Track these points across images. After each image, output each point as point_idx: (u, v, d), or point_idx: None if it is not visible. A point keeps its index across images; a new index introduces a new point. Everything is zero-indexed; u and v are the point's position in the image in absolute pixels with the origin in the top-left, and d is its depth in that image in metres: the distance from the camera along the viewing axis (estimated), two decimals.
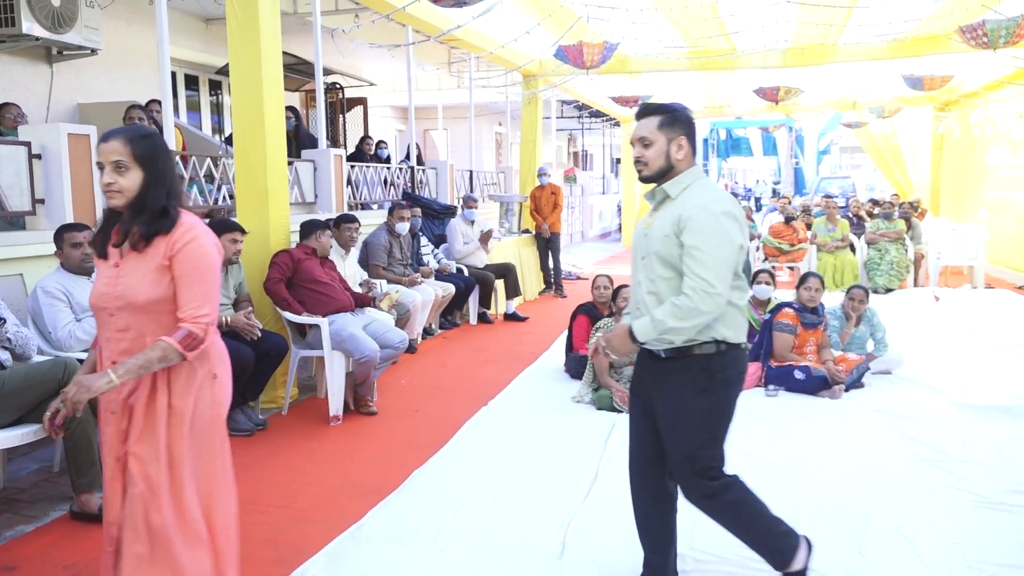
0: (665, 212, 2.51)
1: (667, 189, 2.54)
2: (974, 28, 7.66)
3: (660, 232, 2.48)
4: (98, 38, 7.08)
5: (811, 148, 29.05)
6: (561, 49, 8.74)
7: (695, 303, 2.37)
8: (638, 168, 2.56)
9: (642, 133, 2.52)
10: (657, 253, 2.49)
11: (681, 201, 2.49)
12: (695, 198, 2.47)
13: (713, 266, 2.37)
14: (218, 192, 6.17)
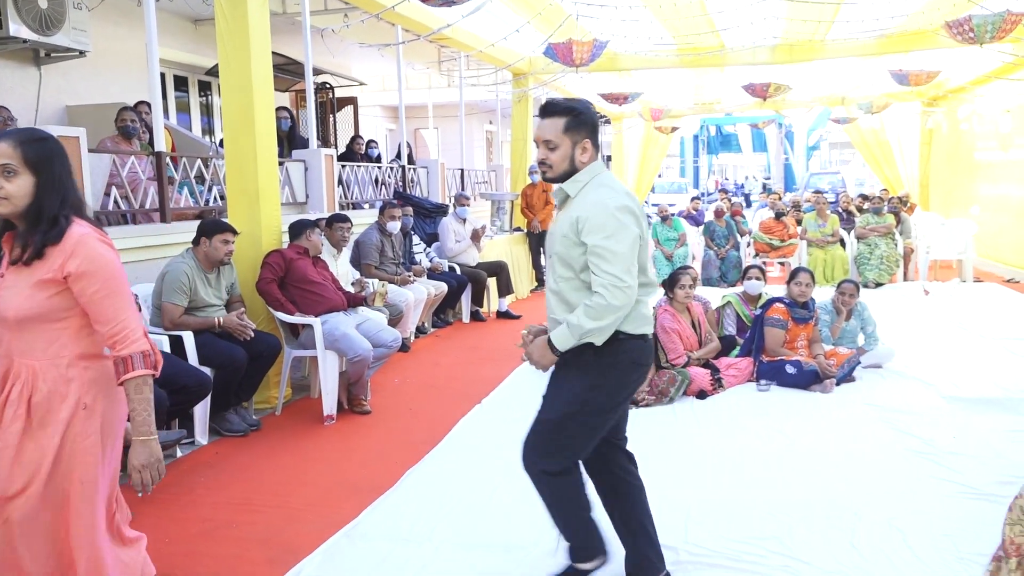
0: (566, 212, 2.54)
1: (566, 189, 2.56)
2: (960, 23, 7.71)
3: (560, 232, 2.51)
4: (86, 40, 7.05)
5: (800, 144, 29.15)
6: (551, 47, 8.74)
7: (608, 300, 2.38)
8: (542, 170, 2.57)
9: (547, 136, 2.52)
10: (558, 254, 2.52)
11: (580, 200, 2.52)
12: (591, 196, 2.49)
13: (619, 261, 2.40)
14: (209, 193, 6.15)
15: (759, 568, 2.95)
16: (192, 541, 3.33)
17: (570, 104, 2.54)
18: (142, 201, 5.48)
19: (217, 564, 3.12)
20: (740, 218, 11.61)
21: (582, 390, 2.53)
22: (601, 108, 17.03)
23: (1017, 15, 7.56)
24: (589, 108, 2.57)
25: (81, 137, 4.71)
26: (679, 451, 4.25)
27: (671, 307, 5.58)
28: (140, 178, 5.48)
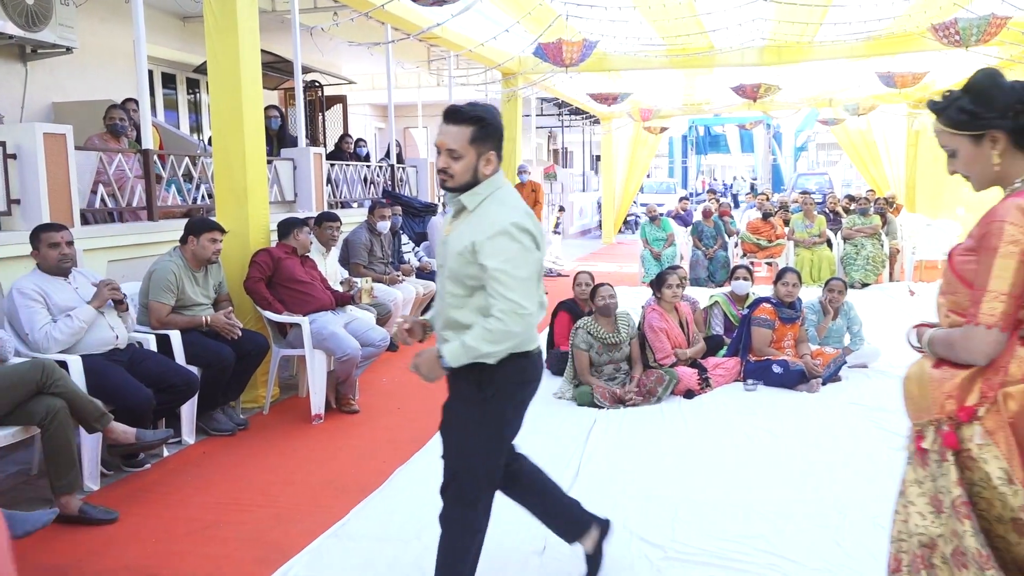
0: (463, 226, 2.41)
1: (464, 201, 2.42)
2: (946, 26, 7.77)
3: (455, 248, 2.38)
4: (73, 36, 7.00)
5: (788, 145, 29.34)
6: (540, 47, 8.75)
7: (508, 326, 2.31)
8: (442, 178, 2.42)
9: (452, 144, 2.38)
10: (451, 270, 2.40)
11: (478, 216, 2.39)
12: (490, 215, 2.37)
13: (520, 287, 2.32)
14: (197, 191, 6.12)
15: (746, 566, 2.97)
16: (180, 541, 3.32)
17: (478, 113, 2.40)
18: (129, 199, 5.45)
19: (205, 564, 3.11)
20: (728, 218, 11.66)
21: (475, 428, 2.51)
22: (590, 108, 17.07)
23: (1002, 18, 7.63)
24: (497, 117, 2.45)
25: (68, 134, 4.69)
26: (667, 450, 4.27)
27: (659, 306, 5.60)
28: (127, 176, 5.45)
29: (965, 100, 1.88)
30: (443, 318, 2.47)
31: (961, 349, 1.80)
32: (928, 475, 1.84)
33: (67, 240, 4.02)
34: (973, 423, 1.74)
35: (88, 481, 3.81)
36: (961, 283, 1.84)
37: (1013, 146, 1.84)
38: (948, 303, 1.90)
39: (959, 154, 1.90)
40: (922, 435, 1.86)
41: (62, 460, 3.45)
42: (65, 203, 4.64)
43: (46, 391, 3.48)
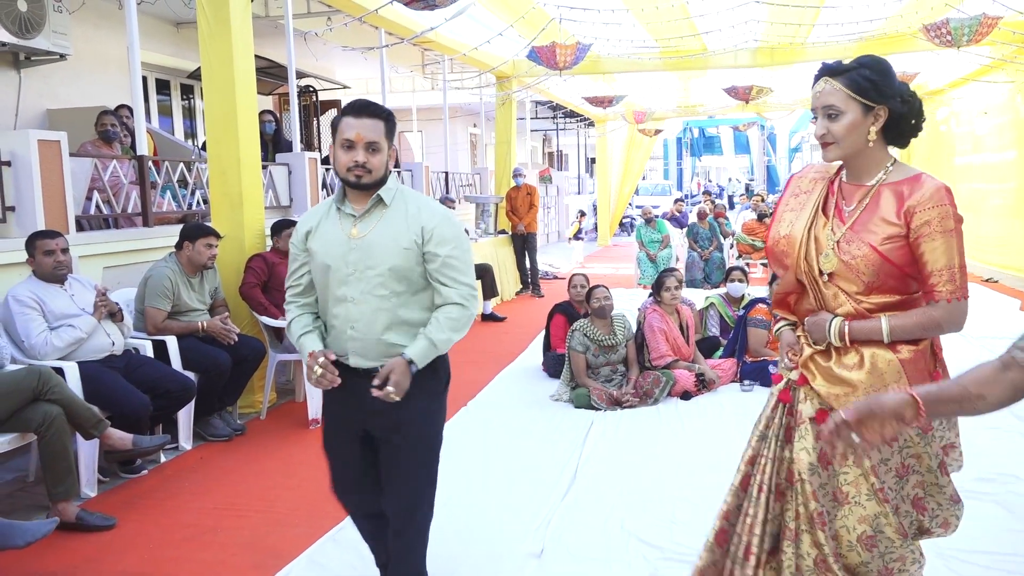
0: (390, 220, 2.34)
1: (383, 195, 2.36)
2: (938, 27, 7.80)
3: (394, 244, 2.32)
4: (67, 43, 6.99)
5: (783, 146, 29.40)
6: (534, 50, 8.77)
7: (470, 310, 2.36)
8: (358, 174, 2.30)
9: (373, 136, 2.29)
10: (394, 268, 2.32)
11: (402, 209, 2.36)
12: (422, 205, 2.38)
13: (469, 271, 2.40)
14: (192, 197, 6.12)
15: None
16: (177, 546, 3.31)
17: (386, 108, 2.39)
18: (124, 205, 5.45)
19: (202, 569, 3.11)
20: (723, 220, 11.69)
21: (440, 417, 2.57)
22: (585, 111, 17.10)
23: (993, 18, 7.67)
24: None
25: (62, 141, 4.68)
26: (664, 452, 4.27)
27: (659, 308, 5.61)
28: (122, 182, 5.45)
29: (868, 72, 1.94)
30: (383, 322, 2.34)
31: (947, 324, 1.91)
32: (897, 448, 1.96)
33: (62, 247, 4.02)
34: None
35: (85, 488, 3.81)
36: (895, 269, 1.92)
37: (883, 130, 1.96)
38: (864, 288, 1.95)
39: (845, 118, 1.93)
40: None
41: (59, 467, 3.44)
42: (60, 210, 4.64)
43: (42, 398, 3.48)
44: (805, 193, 2.09)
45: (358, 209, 2.37)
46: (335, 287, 2.37)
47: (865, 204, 1.97)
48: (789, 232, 2.05)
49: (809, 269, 2.01)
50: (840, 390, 1.97)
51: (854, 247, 1.94)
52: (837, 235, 1.98)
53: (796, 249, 2.02)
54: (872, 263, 1.92)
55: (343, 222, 2.38)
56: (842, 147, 1.96)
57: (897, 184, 1.95)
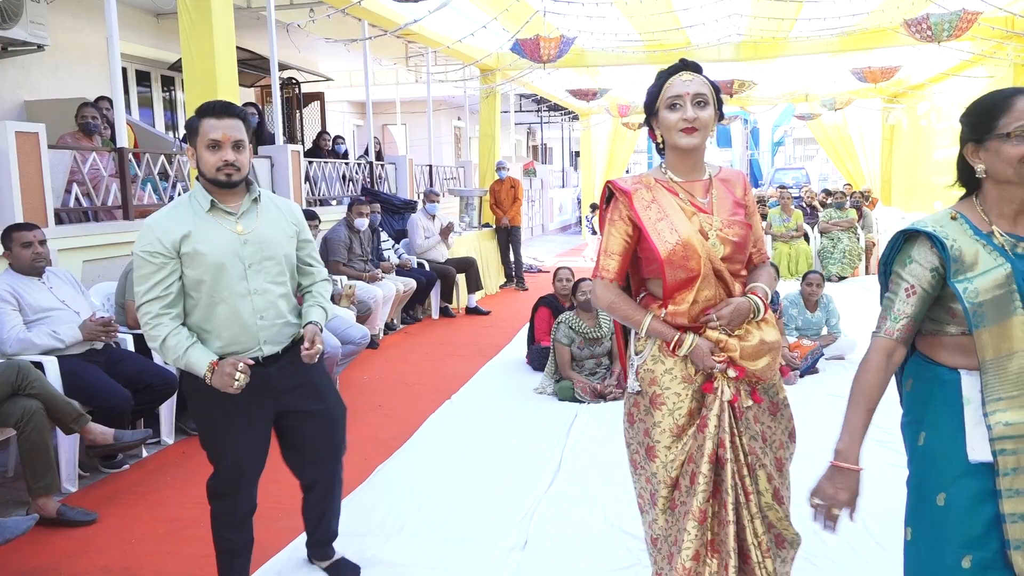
0: (270, 215, 2.55)
1: (261, 192, 2.58)
2: (919, 22, 7.86)
3: (280, 235, 2.55)
4: (44, 33, 6.90)
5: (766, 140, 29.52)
6: (518, 43, 8.75)
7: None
8: (228, 172, 2.41)
9: (238, 136, 2.43)
10: (288, 256, 2.58)
11: (271, 204, 2.59)
12: (280, 199, 2.67)
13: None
14: (173, 190, 6.07)
15: None
16: (159, 541, 3.30)
17: (243, 109, 2.55)
18: (104, 198, 5.39)
19: (185, 564, 3.09)
20: None
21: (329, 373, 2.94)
22: (569, 104, 17.10)
23: (973, 13, 7.73)
24: None
25: (40, 133, 4.63)
26: None
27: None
28: (102, 175, 5.39)
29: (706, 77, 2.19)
30: (286, 306, 2.58)
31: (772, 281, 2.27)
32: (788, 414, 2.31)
33: (39, 239, 3.97)
34: None
35: (66, 483, 3.78)
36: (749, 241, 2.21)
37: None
38: (741, 264, 2.20)
39: (709, 108, 2.12)
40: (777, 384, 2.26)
41: (39, 462, 3.41)
42: (39, 203, 4.58)
43: (21, 392, 3.44)
44: (653, 203, 2.14)
45: (235, 207, 2.48)
46: (234, 284, 2.43)
47: (715, 194, 2.17)
48: (679, 238, 2.09)
49: (713, 261, 2.11)
50: (764, 360, 2.13)
51: (735, 229, 2.14)
52: (716, 224, 2.13)
53: (699, 249, 2.10)
54: (747, 239, 2.18)
55: (224, 221, 2.46)
56: (702, 135, 2.11)
57: (720, 175, 2.24)
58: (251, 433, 2.58)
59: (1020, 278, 1.66)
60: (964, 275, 1.69)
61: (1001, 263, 1.67)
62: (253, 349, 2.49)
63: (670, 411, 2.15)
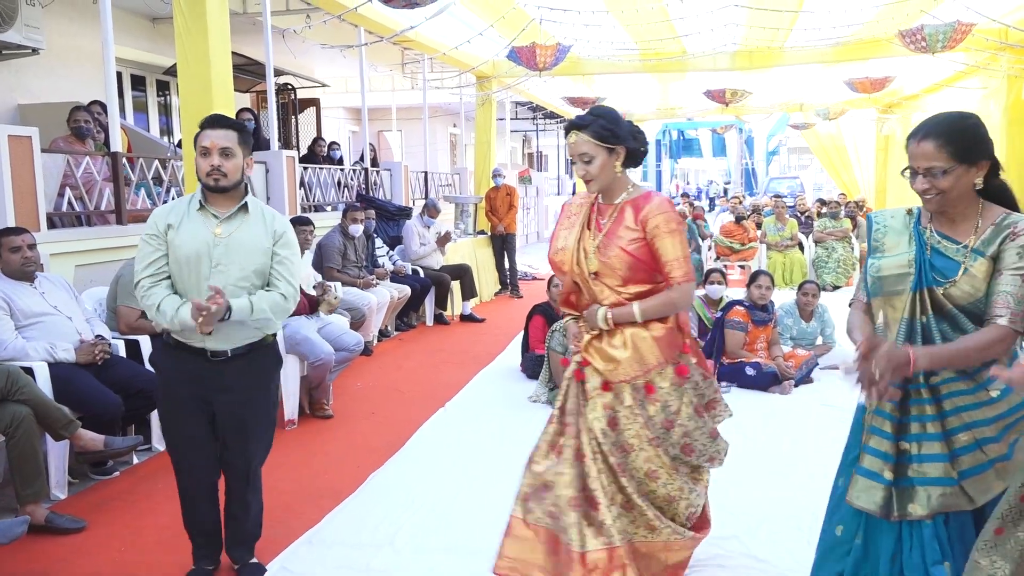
0: (251, 225, 2.71)
1: (248, 201, 2.73)
2: (913, 33, 7.91)
3: (257, 245, 2.69)
4: (39, 37, 6.87)
5: (760, 149, 29.64)
6: (514, 51, 8.77)
7: (289, 305, 2.74)
8: (215, 177, 2.63)
9: (225, 143, 2.63)
10: (257, 266, 2.69)
11: (259, 215, 2.73)
12: (271, 212, 2.78)
13: (296, 278, 2.78)
14: (167, 195, 6.04)
15: (719, 566, 2.98)
16: (150, 549, 3.27)
17: (240, 122, 2.76)
18: (97, 203, 5.36)
19: (176, 572, 3.06)
20: (702, 222, 11.75)
21: (273, 395, 2.94)
22: (564, 112, 17.12)
23: (967, 25, 7.78)
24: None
25: (34, 137, 4.60)
26: None
27: None
28: (95, 179, 5.37)
29: (604, 121, 2.52)
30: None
31: (681, 303, 2.52)
32: (660, 407, 2.52)
33: (28, 243, 3.94)
34: (688, 353, 2.58)
35: (55, 490, 3.74)
36: (640, 263, 2.52)
37: (624, 163, 2.56)
38: (621, 281, 2.54)
39: (596, 161, 2.52)
40: (652, 383, 2.51)
41: (28, 469, 3.38)
42: (31, 207, 4.55)
43: (11, 398, 3.41)
44: (575, 215, 2.67)
45: (222, 212, 2.69)
46: (197, 280, 2.65)
47: (614, 217, 2.57)
48: (563, 245, 2.63)
49: (580, 271, 2.59)
50: (611, 366, 2.53)
51: (609, 250, 2.53)
52: (596, 242, 2.57)
53: (569, 257, 2.60)
54: (623, 261, 2.51)
55: (207, 221, 2.69)
56: (599, 182, 2.55)
57: (635, 200, 2.56)
58: (190, 419, 2.78)
59: (923, 266, 2.01)
60: (878, 254, 2.10)
61: (909, 251, 2.05)
62: (196, 341, 2.69)
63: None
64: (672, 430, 2.55)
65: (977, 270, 1.95)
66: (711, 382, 2.67)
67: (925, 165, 1.97)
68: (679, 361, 2.55)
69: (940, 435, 1.98)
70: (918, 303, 2.01)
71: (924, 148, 1.96)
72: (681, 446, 2.57)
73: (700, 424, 2.58)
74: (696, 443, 2.59)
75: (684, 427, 2.55)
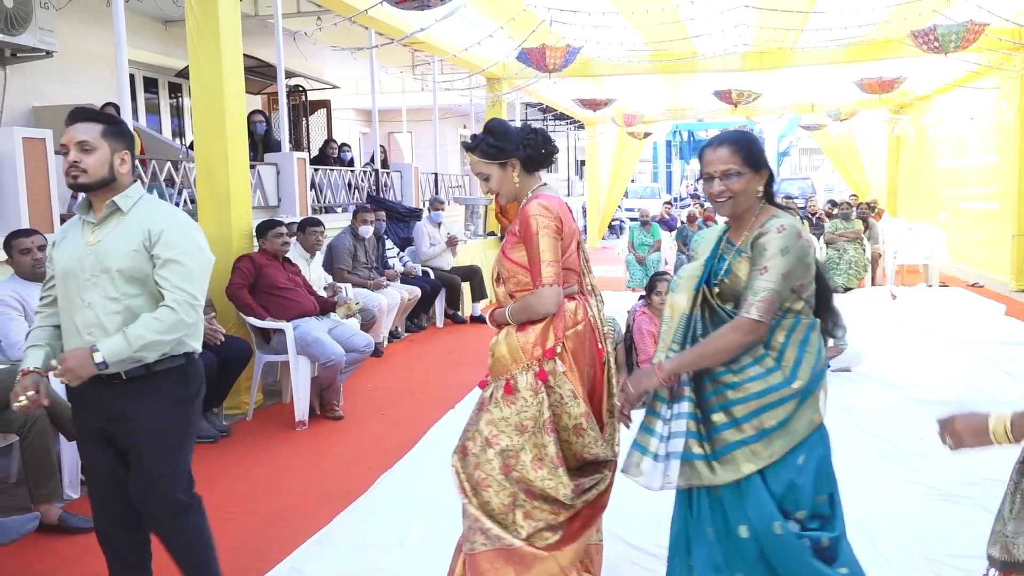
0: (122, 227, 2.38)
1: (119, 202, 2.39)
2: (926, 33, 7.85)
3: (123, 247, 2.36)
4: (53, 40, 6.93)
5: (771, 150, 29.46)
6: (524, 52, 8.76)
7: (180, 315, 2.35)
8: (73, 174, 2.34)
9: (82, 136, 2.34)
10: (123, 271, 2.35)
11: (140, 216, 2.40)
12: (160, 211, 2.44)
13: (195, 279, 2.40)
14: (179, 196, 6.08)
15: None
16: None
17: (108, 114, 2.47)
18: None
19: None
20: (712, 223, 11.69)
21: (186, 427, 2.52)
22: (574, 113, 17.12)
23: (980, 25, 7.72)
24: (126, 124, 2.50)
25: (48, 139, 4.64)
26: None
27: (649, 310, 5.61)
28: None
29: (491, 139, 2.55)
30: (116, 326, 2.35)
31: (538, 306, 2.45)
32: (515, 410, 2.44)
33: (39, 245, 3.97)
34: (555, 359, 2.45)
35: (68, 489, 3.77)
36: (522, 269, 2.51)
37: (524, 170, 2.58)
38: (512, 288, 2.56)
39: (492, 178, 2.58)
40: (511, 382, 2.46)
41: (42, 468, 3.41)
42: (44, 208, 4.59)
43: None
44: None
45: (97, 217, 2.41)
46: (75, 295, 2.37)
47: (514, 223, 2.56)
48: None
49: (494, 275, 2.65)
50: (491, 361, 2.55)
51: (501, 255, 2.59)
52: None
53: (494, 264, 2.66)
54: (507, 267, 2.55)
55: (84, 231, 2.41)
56: (504, 194, 2.61)
57: (524, 205, 2.55)
58: (92, 449, 2.52)
59: (709, 268, 2.24)
60: (693, 260, 2.34)
61: (702, 258, 2.29)
62: None
63: None
64: (526, 435, 2.43)
65: (738, 268, 2.16)
66: (580, 404, 2.45)
67: (722, 168, 2.17)
68: (541, 366, 2.43)
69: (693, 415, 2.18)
70: (697, 301, 2.23)
71: (720, 154, 2.18)
72: (532, 457, 2.43)
73: (545, 443, 2.41)
74: (543, 462, 2.42)
75: (536, 439, 2.42)
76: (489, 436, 2.48)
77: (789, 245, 2.07)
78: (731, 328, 2.08)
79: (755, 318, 2.05)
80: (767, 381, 2.10)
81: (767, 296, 2.05)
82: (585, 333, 2.54)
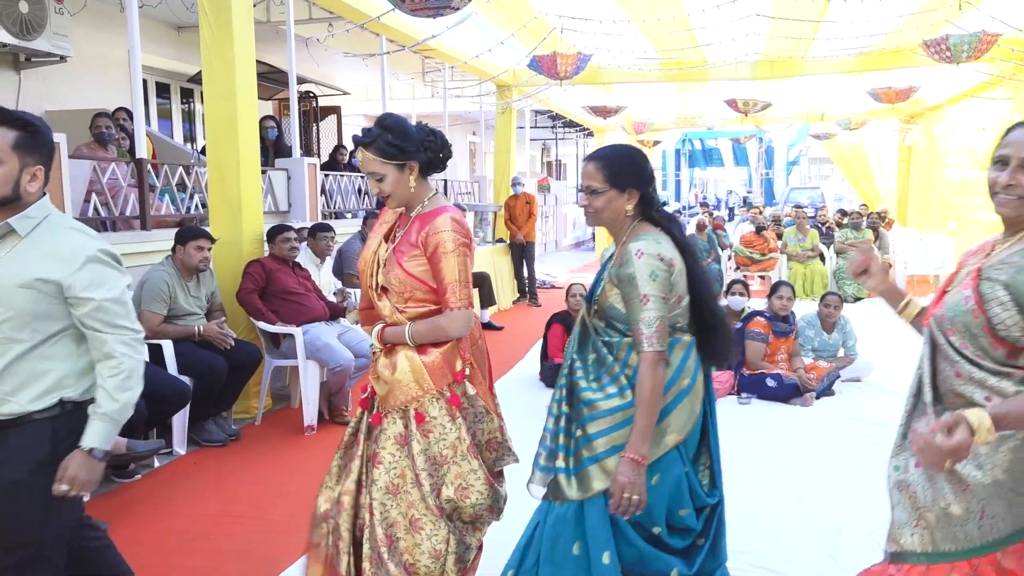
0: (16, 256, 1.97)
1: (14, 224, 1.98)
2: (938, 43, 7.83)
3: (12, 282, 1.94)
4: (67, 45, 6.98)
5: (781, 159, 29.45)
6: (535, 60, 8.78)
7: (136, 356, 2.07)
8: None
9: None
10: (17, 311, 1.95)
11: (38, 244, 1.99)
12: (64, 242, 2.01)
13: (129, 312, 2.09)
14: (190, 201, 6.11)
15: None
16: (169, 553, 3.28)
17: (28, 119, 2.02)
18: (122, 208, 5.43)
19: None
20: (721, 232, 11.69)
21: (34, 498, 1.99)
22: (584, 120, 17.14)
23: (992, 35, 7.70)
24: (48, 131, 2.09)
25: (61, 143, 4.66)
26: None
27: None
28: (121, 185, 5.43)
29: (390, 136, 2.32)
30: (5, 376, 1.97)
31: (451, 330, 2.30)
32: (432, 439, 2.30)
33: None
34: (465, 382, 2.35)
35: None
36: (419, 282, 2.32)
37: (420, 174, 2.38)
38: (402, 302, 2.35)
39: (387, 179, 2.35)
40: (422, 411, 2.29)
41: None
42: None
43: None
44: (386, 222, 2.49)
45: None
46: None
47: (404, 231, 2.38)
48: (365, 254, 2.45)
49: (372, 284, 2.40)
50: (382, 388, 2.34)
51: (391, 265, 2.34)
52: (385, 255, 2.39)
53: (367, 268, 2.43)
54: (400, 278, 2.32)
55: None
56: (395, 199, 2.38)
57: (426, 215, 2.35)
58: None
59: (596, 282, 2.29)
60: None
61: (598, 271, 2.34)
62: None
63: None
64: (445, 467, 2.31)
65: (607, 286, 2.22)
66: (494, 419, 2.48)
67: (586, 183, 2.21)
68: (452, 391, 2.32)
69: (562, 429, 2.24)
70: (586, 311, 2.32)
71: (587, 168, 2.22)
72: (456, 487, 2.32)
73: (475, 467, 2.34)
74: (472, 488, 2.34)
75: (459, 467, 2.32)
76: (418, 472, 2.30)
77: (654, 268, 2.10)
78: (644, 370, 2.09)
79: (657, 350, 2.09)
80: (620, 399, 2.14)
81: (659, 325, 2.09)
82: (482, 343, 2.51)
